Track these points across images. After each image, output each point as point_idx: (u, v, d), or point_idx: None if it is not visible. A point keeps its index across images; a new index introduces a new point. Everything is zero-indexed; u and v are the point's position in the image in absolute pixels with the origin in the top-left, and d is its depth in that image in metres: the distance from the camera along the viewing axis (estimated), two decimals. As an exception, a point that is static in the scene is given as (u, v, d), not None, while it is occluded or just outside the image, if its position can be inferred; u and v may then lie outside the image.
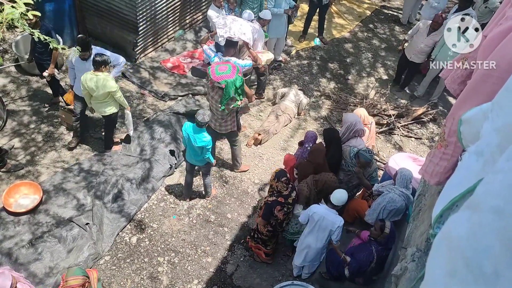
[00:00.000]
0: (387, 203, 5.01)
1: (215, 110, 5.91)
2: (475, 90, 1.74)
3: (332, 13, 10.42)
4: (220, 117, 5.96)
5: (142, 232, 5.87)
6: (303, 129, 7.64)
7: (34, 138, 6.56)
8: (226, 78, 5.54)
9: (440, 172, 2.06)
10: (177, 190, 6.45)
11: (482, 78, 1.69)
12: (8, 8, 2.95)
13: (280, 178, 4.95)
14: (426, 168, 2.16)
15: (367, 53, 9.56)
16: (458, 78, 2.12)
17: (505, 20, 1.72)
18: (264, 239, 5.43)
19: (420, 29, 7.64)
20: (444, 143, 1.99)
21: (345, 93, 8.48)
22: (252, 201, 6.52)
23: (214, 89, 5.76)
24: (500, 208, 0.88)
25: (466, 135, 1.48)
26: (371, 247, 4.70)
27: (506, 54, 1.58)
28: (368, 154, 5.31)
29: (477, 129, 1.30)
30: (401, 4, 11.12)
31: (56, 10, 7.58)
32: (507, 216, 0.86)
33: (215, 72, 5.58)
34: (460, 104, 1.85)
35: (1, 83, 7.25)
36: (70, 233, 5.43)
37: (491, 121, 1.19)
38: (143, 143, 6.77)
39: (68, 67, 6.11)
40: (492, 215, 0.89)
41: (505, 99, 1.16)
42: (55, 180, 6.05)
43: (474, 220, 0.94)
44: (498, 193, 0.90)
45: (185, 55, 8.58)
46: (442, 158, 2.03)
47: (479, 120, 1.33)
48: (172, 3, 8.16)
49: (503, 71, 1.57)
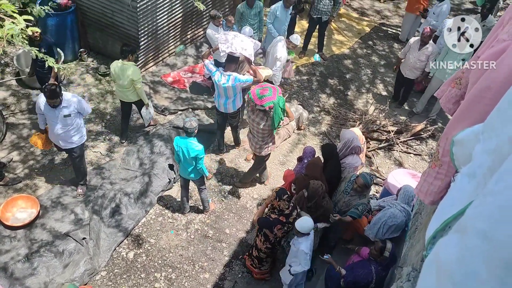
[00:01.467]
0: (388, 218, 4.97)
1: (255, 132, 5.93)
2: (468, 111, 1.75)
3: (331, 29, 10.51)
4: (261, 139, 5.97)
5: (140, 247, 5.83)
6: (303, 144, 7.64)
7: (32, 152, 6.56)
8: (269, 100, 5.53)
9: (435, 192, 2.05)
10: (175, 205, 6.43)
11: (475, 99, 1.70)
12: (9, 24, 2.98)
13: (281, 196, 4.93)
14: (420, 188, 2.16)
15: (366, 69, 9.62)
16: (452, 98, 2.13)
17: (497, 42, 1.74)
18: (261, 257, 5.38)
19: (412, 46, 7.75)
20: (438, 162, 1.99)
21: (345, 108, 8.50)
22: (251, 216, 6.49)
23: (255, 112, 5.77)
24: (487, 233, 0.88)
25: (458, 156, 1.48)
26: (371, 267, 4.64)
27: (498, 76, 1.59)
28: (369, 177, 5.15)
29: (469, 150, 1.30)
30: (399, 22, 11.22)
31: (58, 25, 7.66)
32: (493, 241, 0.86)
33: (257, 95, 5.57)
34: (454, 124, 1.86)
35: (2, 96, 7.28)
36: (67, 247, 5.40)
37: (483, 143, 1.19)
38: (142, 157, 6.77)
39: (37, 113, 5.64)
40: (479, 240, 0.89)
41: (496, 121, 1.17)
42: (52, 194, 6.03)
43: (462, 244, 0.94)
44: (485, 217, 0.90)
45: (186, 70, 8.63)
46: (436, 178, 2.03)
47: (471, 141, 1.33)
48: (174, 18, 8.24)
49: (495, 92, 1.58)
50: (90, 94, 7.69)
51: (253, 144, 6.12)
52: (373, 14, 11.51)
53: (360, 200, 5.20)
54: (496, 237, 0.86)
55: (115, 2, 7.50)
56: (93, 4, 7.82)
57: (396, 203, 5.09)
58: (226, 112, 6.61)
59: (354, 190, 5.24)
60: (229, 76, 6.18)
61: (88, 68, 8.17)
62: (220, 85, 6.22)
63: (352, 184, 5.28)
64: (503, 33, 1.75)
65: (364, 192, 5.28)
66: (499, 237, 0.85)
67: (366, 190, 5.29)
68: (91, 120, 7.21)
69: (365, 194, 5.29)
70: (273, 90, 5.63)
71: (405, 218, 4.96)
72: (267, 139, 5.99)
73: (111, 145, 6.95)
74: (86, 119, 7.16)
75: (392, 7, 11.98)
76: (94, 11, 7.91)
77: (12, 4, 3.30)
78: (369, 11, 11.59)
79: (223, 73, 6.22)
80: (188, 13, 8.52)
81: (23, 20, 3.07)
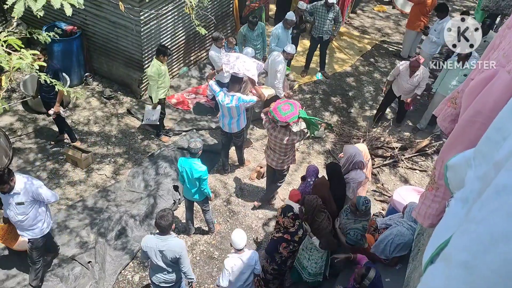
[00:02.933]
0: (395, 236, 4.91)
1: (278, 148, 6.05)
2: (461, 135, 1.76)
3: (333, 48, 10.60)
4: (283, 154, 6.09)
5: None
6: (308, 162, 7.64)
7: (39, 176, 6.61)
8: (293, 116, 5.67)
9: (433, 214, 2.05)
10: (181, 226, 6.42)
11: (467, 123, 1.71)
12: (16, 60, 3.05)
13: (286, 213, 4.90)
14: (419, 210, 2.16)
15: (369, 86, 9.67)
16: (448, 116, 2.15)
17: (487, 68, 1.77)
18: (268, 279, 5.34)
19: (401, 72, 7.79)
20: (435, 185, 2.00)
21: (348, 126, 8.53)
22: (256, 236, 6.46)
23: (276, 129, 5.91)
24: (469, 263, 0.88)
25: (452, 181, 1.49)
26: None
27: (488, 101, 1.61)
28: (362, 201, 4.93)
29: (462, 175, 1.31)
30: (400, 39, 11.31)
31: (64, 51, 7.80)
32: (475, 272, 0.86)
33: (280, 113, 5.68)
34: (448, 147, 1.87)
35: (8, 121, 7.38)
36: (72, 272, 5.39)
37: (474, 169, 1.20)
38: (147, 179, 6.80)
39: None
40: (462, 270, 0.89)
41: (486, 147, 1.18)
42: (58, 218, 6.05)
43: (447, 274, 0.94)
44: (467, 247, 0.90)
45: (190, 91, 8.72)
46: (434, 201, 2.03)
47: (463, 167, 1.34)
48: (177, 42, 8.37)
49: (486, 117, 1.60)
50: (96, 117, 7.78)
51: (274, 160, 6.23)
52: (374, 32, 11.62)
53: (354, 225, 5.02)
54: (478, 268, 0.86)
55: (119, 27, 7.64)
56: (98, 30, 7.97)
57: (402, 221, 5.04)
58: (231, 132, 6.66)
59: (352, 212, 5.12)
60: (232, 96, 6.26)
61: (94, 92, 8.28)
62: (224, 105, 6.30)
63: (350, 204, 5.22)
64: (492, 59, 1.78)
65: (360, 217, 5.08)
66: (481, 268, 0.85)
67: (361, 215, 5.07)
68: (96, 143, 7.28)
69: (361, 219, 5.07)
70: (294, 105, 5.80)
71: (412, 236, 4.90)
72: (289, 153, 6.16)
73: (116, 167, 6.99)
74: (91, 142, 7.23)
75: (392, 25, 12.09)
76: (99, 37, 8.06)
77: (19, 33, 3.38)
78: (370, 29, 11.70)
79: (227, 94, 6.29)
80: (191, 36, 8.65)
81: (29, 55, 3.14)
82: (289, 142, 5.92)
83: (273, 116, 5.77)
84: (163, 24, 7.79)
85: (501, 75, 1.57)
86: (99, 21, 7.82)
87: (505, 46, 1.71)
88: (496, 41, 1.95)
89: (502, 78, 1.56)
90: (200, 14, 6.38)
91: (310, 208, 4.89)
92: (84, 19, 7.94)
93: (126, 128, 7.72)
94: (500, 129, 1.12)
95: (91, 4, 7.59)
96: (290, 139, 5.90)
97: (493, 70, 1.65)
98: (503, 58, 1.63)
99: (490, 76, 1.63)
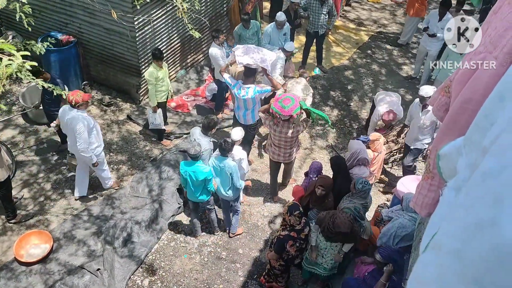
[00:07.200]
0: (398, 228, 4.92)
1: (283, 143, 6.18)
2: (454, 122, 1.76)
3: (329, 42, 10.58)
4: (289, 147, 6.25)
5: (154, 274, 5.84)
6: (312, 158, 7.64)
7: (43, 187, 6.64)
8: (295, 108, 5.80)
9: (429, 204, 2.05)
10: (187, 229, 6.44)
11: (458, 111, 1.71)
12: (6, 61, 3.06)
13: (293, 212, 4.89)
14: (416, 200, 2.15)
15: (367, 78, 9.64)
16: (443, 106, 2.14)
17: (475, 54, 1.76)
18: (276, 274, 5.36)
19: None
20: (430, 174, 1.99)
21: (349, 119, 8.51)
22: (263, 234, 6.48)
23: (279, 124, 6.01)
24: (458, 250, 0.88)
25: (444, 169, 1.48)
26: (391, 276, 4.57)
27: (478, 87, 1.60)
28: (359, 181, 5.13)
29: (453, 164, 1.31)
30: (397, 29, 11.28)
31: (61, 60, 7.81)
32: (465, 259, 0.86)
33: (282, 107, 5.79)
34: (441, 135, 1.86)
35: (10, 134, 7.41)
36: (82, 280, 5.41)
37: (465, 157, 1.20)
38: (151, 184, 6.82)
39: None
40: (452, 258, 0.89)
41: (475, 134, 1.18)
42: (65, 228, 6.07)
43: (437, 262, 0.94)
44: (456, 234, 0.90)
45: (188, 94, 8.72)
46: (430, 190, 2.03)
47: (454, 155, 1.34)
48: (172, 45, 8.37)
49: (476, 103, 1.59)
50: (96, 126, 7.80)
51: (281, 155, 6.36)
52: (370, 24, 11.59)
53: (348, 204, 5.14)
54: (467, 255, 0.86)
55: (114, 34, 7.65)
56: (93, 38, 7.98)
57: (403, 213, 5.05)
58: (246, 124, 6.75)
59: (352, 194, 5.24)
60: (248, 88, 6.44)
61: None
62: (240, 98, 6.49)
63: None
64: (480, 45, 1.77)
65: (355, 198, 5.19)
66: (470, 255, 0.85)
67: (357, 195, 5.19)
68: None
69: (354, 201, 5.17)
70: (294, 98, 5.92)
71: (415, 226, 4.91)
72: (295, 144, 6.31)
73: (119, 174, 7.01)
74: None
75: (388, 15, 12.05)
76: (94, 44, 8.08)
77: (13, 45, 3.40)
78: (366, 21, 11.67)
79: (242, 86, 6.46)
80: (186, 39, 8.65)
81: (20, 56, 3.14)
82: (294, 134, 6.05)
83: (275, 112, 5.83)
84: (157, 28, 7.79)
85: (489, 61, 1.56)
86: (94, 29, 7.83)
87: (491, 32, 1.70)
88: (484, 27, 1.95)
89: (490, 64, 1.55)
90: (193, 17, 6.38)
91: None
92: (78, 27, 7.96)
93: (127, 134, 7.74)
94: (488, 115, 1.12)
95: (84, 12, 7.61)
96: (295, 131, 6.04)
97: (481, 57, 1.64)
98: (490, 44, 1.62)
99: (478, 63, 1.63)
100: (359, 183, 5.12)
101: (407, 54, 10.49)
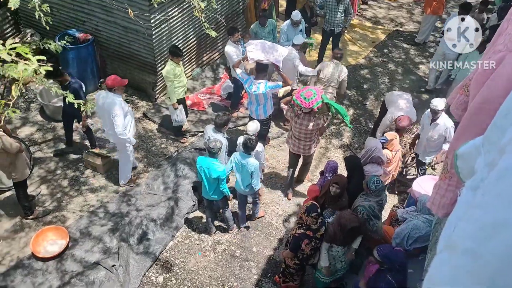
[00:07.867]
0: (411, 230, 4.87)
1: (303, 136, 6.25)
2: (471, 123, 1.72)
3: (346, 40, 10.51)
4: (309, 139, 6.31)
5: (168, 271, 5.87)
6: (327, 158, 7.62)
7: (60, 184, 6.72)
8: (317, 101, 5.86)
9: (447, 204, 2.01)
10: (201, 226, 6.46)
11: (476, 111, 1.68)
12: (22, 65, 3.10)
13: (310, 213, 4.85)
14: (433, 201, 2.12)
15: (383, 77, 9.55)
16: (461, 104, 2.10)
17: (494, 53, 1.72)
18: (292, 272, 5.35)
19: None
20: (448, 174, 1.96)
21: (365, 118, 8.44)
22: (277, 233, 6.47)
23: (300, 117, 6.09)
24: (474, 251, 0.86)
25: (462, 169, 1.46)
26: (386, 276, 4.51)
27: (496, 87, 1.57)
28: (372, 180, 5.10)
29: (472, 163, 1.28)
30: (414, 28, 11.15)
31: (78, 58, 7.91)
32: (481, 259, 0.84)
33: (304, 100, 5.86)
34: (459, 136, 1.83)
35: (29, 131, 7.52)
36: (97, 276, 5.48)
37: (484, 156, 1.17)
38: (166, 181, 6.85)
39: None
40: (467, 258, 0.87)
41: (493, 134, 1.15)
42: (81, 224, 6.14)
43: (452, 262, 0.92)
44: (471, 234, 0.88)
45: (204, 92, 8.75)
46: (448, 190, 1.99)
47: (472, 154, 1.31)
48: (188, 43, 8.40)
49: (493, 103, 1.56)
50: (112, 123, 7.85)
51: (300, 148, 6.42)
52: (387, 22, 11.47)
53: (362, 202, 5.15)
54: (482, 255, 0.84)
55: (131, 32, 7.71)
56: (110, 36, 8.06)
57: (417, 214, 5.00)
58: (258, 119, 6.80)
59: (366, 193, 5.23)
60: (259, 83, 6.54)
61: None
62: (252, 93, 6.59)
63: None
64: (499, 44, 1.73)
65: (370, 197, 5.18)
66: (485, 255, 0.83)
67: (371, 194, 5.17)
68: (115, 149, 7.34)
69: (370, 199, 5.16)
70: (316, 91, 5.96)
71: (428, 228, 4.85)
72: (315, 137, 6.37)
73: (135, 172, 7.06)
74: (110, 148, 7.30)
75: (406, 14, 11.92)
76: (111, 42, 8.15)
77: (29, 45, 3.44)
78: (383, 20, 11.56)
79: (254, 81, 6.56)
80: (202, 38, 8.68)
81: (36, 60, 3.18)
82: (314, 127, 6.11)
83: (297, 104, 5.93)
84: (173, 26, 7.83)
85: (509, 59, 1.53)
86: (111, 27, 7.91)
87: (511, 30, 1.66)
88: (503, 26, 1.90)
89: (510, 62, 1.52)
90: (210, 16, 6.40)
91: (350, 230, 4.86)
92: (96, 25, 8.04)
93: (144, 132, 7.80)
94: (507, 115, 1.09)
95: (102, 10, 7.69)
96: (315, 124, 6.09)
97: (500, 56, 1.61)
98: (510, 42, 1.59)
99: (497, 62, 1.59)
100: (372, 183, 5.10)
101: (424, 53, 10.37)
